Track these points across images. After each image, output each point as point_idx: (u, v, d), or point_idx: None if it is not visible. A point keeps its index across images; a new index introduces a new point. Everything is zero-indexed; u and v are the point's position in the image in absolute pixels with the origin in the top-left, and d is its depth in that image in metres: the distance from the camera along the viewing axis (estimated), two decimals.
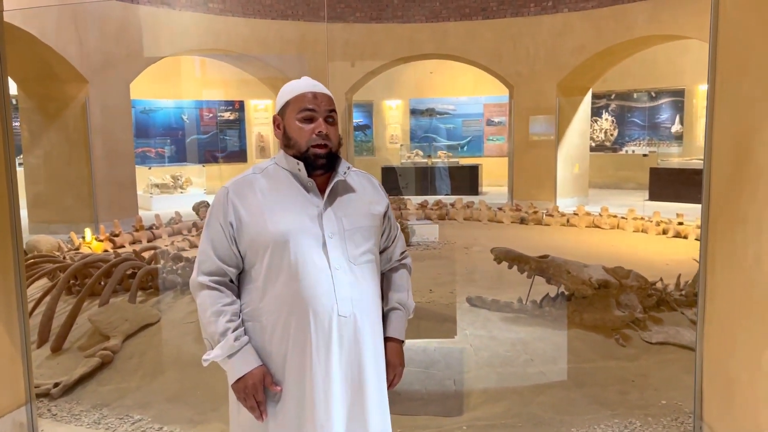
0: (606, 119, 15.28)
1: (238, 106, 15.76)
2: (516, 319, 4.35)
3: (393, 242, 2.08)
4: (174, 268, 4.74)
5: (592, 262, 4.59)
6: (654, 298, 4.69)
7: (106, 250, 7.63)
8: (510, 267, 4.48)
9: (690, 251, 7.69)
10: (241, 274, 1.90)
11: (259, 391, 1.79)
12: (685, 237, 8.51)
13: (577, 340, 4.15)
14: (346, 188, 1.93)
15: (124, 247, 8.07)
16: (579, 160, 12.29)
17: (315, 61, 12.04)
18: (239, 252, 1.86)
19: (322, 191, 1.88)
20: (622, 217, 9.50)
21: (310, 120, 1.85)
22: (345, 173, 1.91)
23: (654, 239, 8.63)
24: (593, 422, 3.33)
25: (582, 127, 12.34)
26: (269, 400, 1.83)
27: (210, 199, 11.24)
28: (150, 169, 13.13)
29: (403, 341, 2.04)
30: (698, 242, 8.12)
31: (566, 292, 4.56)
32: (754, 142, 2.35)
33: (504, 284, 5.15)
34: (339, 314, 1.78)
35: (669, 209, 9.67)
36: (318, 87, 1.89)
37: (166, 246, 6.42)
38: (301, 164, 1.84)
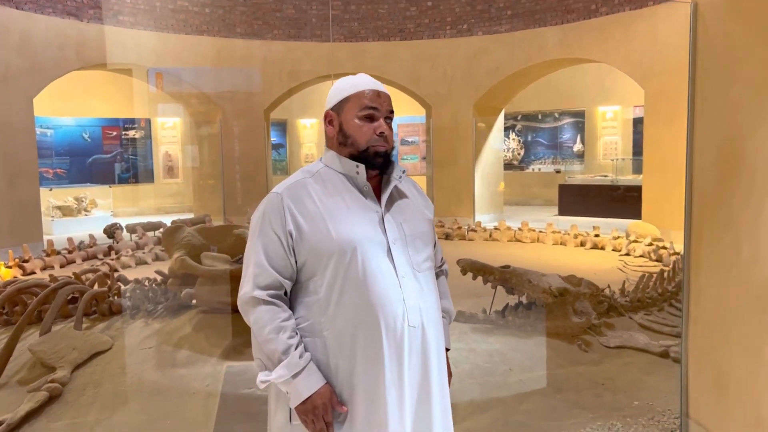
0: (513, 139, 15.94)
1: (144, 124, 15.08)
2: (488, 330, 4.39)
3: (435, 248, 2.03)
4: (140, 289, 4.41)
5: None
6: (605, 305, 4.89)
7: (15, 277, 7.00)
8: (474, 278, 4.52)
9: (610, 261, 8.14)
10: (294, 286, 1.78)
11: (329, 411, 1.67)
12: (602, 248, 8.99)
13: (543, 347, 4.24)
14: (399, 193, 1.86)
15: (35, 273, 7.45)
16: (494, 178, 12.71)
17: (231, 77, 11.77)
18: (296, 263, 1.74)
19: (375, 196, 1.80)
20: (541, 231, 9.92)
21: (371, 119, 1.77)
22: (400, 177, 1.84)
23: (573, 251, 9.05)
24: (578, 426, 3.39)
25: (496, 146, 12.79)
26: (334, 420, 1.71)
27: (118, 221, 10.62)
28: (51, 190, 12.21)
29: (448, 349, 1.98)
30: (616, 253, 8.56)
31: (526, 302, 4.67)
32: (746, 146, 2.51)
33: (463, 295, 5.19)
34: (409, 324, 1.70)
35: (579, 223, 10.21)
36: (380, 85, 1.82)
37: (95, 266, 5.95)
38: (361, 167, 1.76)
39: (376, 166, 1.77)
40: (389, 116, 1.81)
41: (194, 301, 4.34)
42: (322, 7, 11.92)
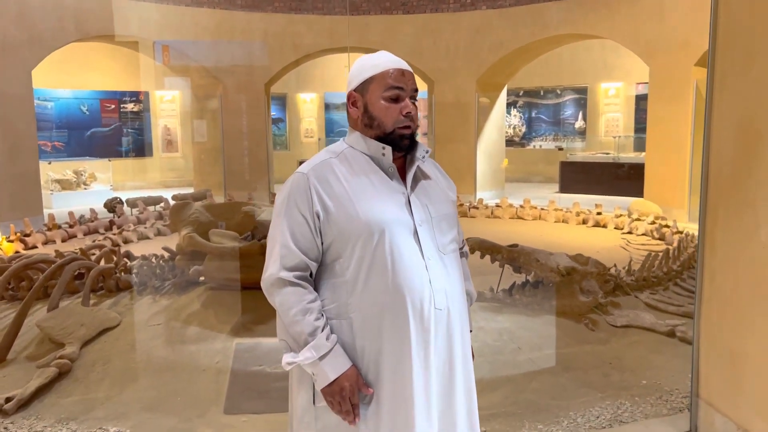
0: (515, 115, 15.85)
1: (143, 97, 14.94)
2: (496, 308, 4.39)
3: (457, 230, 2.01)
4: (148, 265, 4.38)
5: None
6: (611, 284, 4.89)
7: (17, 251, 6.99)
8: (482, 257, 4.52)
9: (612, 239, 8.15)
10: (319, 267, 1.76)
11: (355, 393, 1.66)
12: (604, 226, 8.98)
13: (551, 326, 4.25)
14: (423, 174, 1.83)
15: (36, 247, 7.42)
16: (496, 155, 12.66)
17: (231, 50, 11.64)
18: (322, 244, 1.72)
19: (400, 176, 1.78)
20: (543, 209, 9.90)
21: (396, 99, 1.74)
22: (423, 158, 1.81)
23: (575, 229, 9.05)
24: (587, 405, 3.41)
25: (499, 122, 12.71)
26: (360, 402, 1.70)
27: (118, 195, 10.57)
28: (50, 164, 12.12)
29: (470, 331, 1.97)
30: (618, 231, 8.55)
31: (532, 280, 4.67)
32: (766, 126, 2.48)
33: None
34: (435, 307, 1.69)
35: (580, 201, 10.20)
36: (403, 63, 1.78)
37: (98, 241, 5.92)
38: (388, 148, 1.73)
39: (402, 147, 1.74)
40: (413, 95, 1.77)
41: (202, 278, 4.33)
42: None
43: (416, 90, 1.78)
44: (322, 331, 1.66)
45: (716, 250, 2.89)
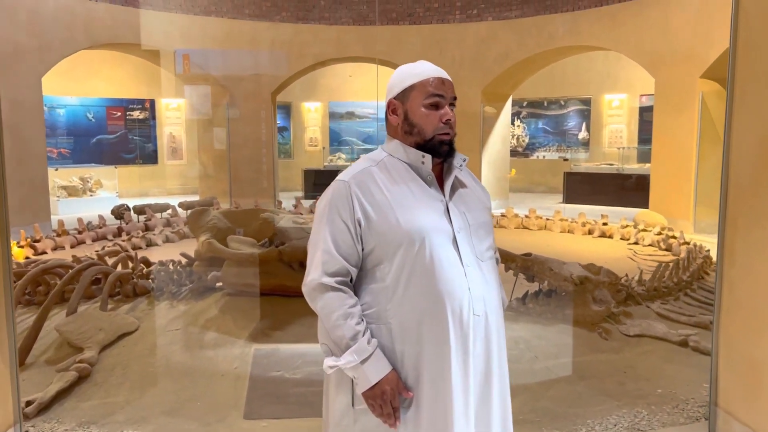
0: (518, 126, 15.92)
1: (149, 105, 15.00)
2: (512, 317, 4.42)
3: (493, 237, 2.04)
4: (165, 271, 4.41)
5: None
6: (623, 293, 4.93)
7: (27, 257, 7.01)
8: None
9: (618, 250, 8.19)
10: (358, 273, 1.79)
11: (396, 396, 1.69)
12: (610, 236, 9.03)
13: (565, 335, 4.28)
14: (459, 182, 1.87)
15: (46, 253, 7.46)
16: (501, 165, 12.72)
17: (239, 59, 11.70)
18: (362, 250, 1.75)
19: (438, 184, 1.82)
20: (548, 219, 9.95)
21: (436, 106, 1.78)
22: (461, 166, 1.85)
23: (581, 239, 9.09)
24: (604, 413, 3.44)
25: (503, 132, 12.78)
26: (400, 405, 1.73)
27: (125, 202, 10.59)
28: (57, 170, 12.15)
29: None
30: (624, 241, 8.59)
31: (546, 289, 4.70)
32: None
33: None
34: (474, 313, 1.72)
35: (584, 211, 10.24)
36: (443, 72, 1.82)
37: (106, 248, 5.95)
38: (427, 156, 1.77)
39: (441, 154, 1.78)
40: (453, 103, 1.81)
41: (219, 284, 4.36)
42: None
43: (455, 98, 1.82)
44: (363, 335, 1.69)
45: (735, 260, 2.93)
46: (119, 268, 4.55)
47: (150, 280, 4.38)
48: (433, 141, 1.77)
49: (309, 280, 1.75)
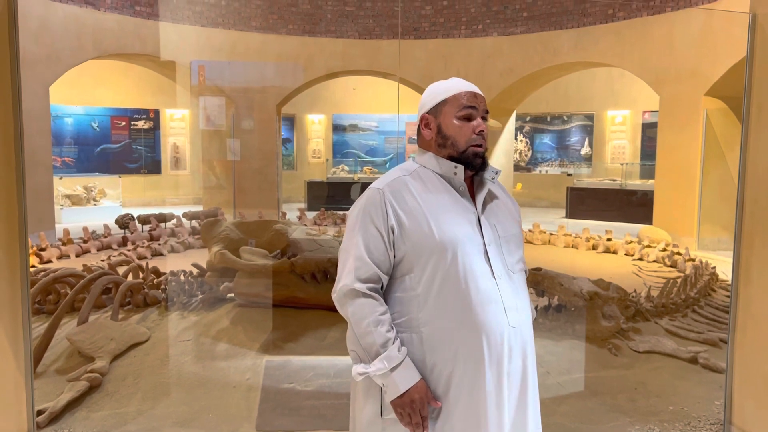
0: (521, 140, 15.98)
1: (153, 115, 15.06)
2: None
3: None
4: (176, 281, 4.41)
5: None
6: (632, 309, 4.93)
7: (33, 266, 7.00)
8: None
9: (623, 265, 8.19)
10: (388, 280, 1.80)
11: (425, 406, 1.69)
12: (615, 252, 9.03)
13: (576, 351, 4.28)
14: (491, 194, 1.89)
15: (51, 261, 7.45)
16: (504, 179, 12.75)
17: (245, 70, 11.77)
18: (394, 257, 1.76)
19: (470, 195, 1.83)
20: (552, 233, 9.96)
21: (469, 118, 1.80)
22: (493, 179, 1.87)
23: (586, 254, 9.09)
24: (617, 430, 3.43)
25: (507, 147, 12.83)
26: (428, 415, 1.73)
27: (129, 212, 10.60)
28: (61, 179, 12.17)
29: None
30: (628, 257, 8.58)
31: (554, 304, 4.70)
32: None
33: None
34: (509, 324, 1.73)
35: (587, 226, 10.28)
36: (475, 87, 1.85)
37: (112, 258, 5.95)
38: (460, 167, 1.79)
39: (474, 166, 1.80)
40: (485, 115, 1.83)
41: (230, 295, 4.36)
42: (337, 3, 11.93)
43: (487, 111, 1.84)
44: (394, 342, 1.70)
45: (751, 278, 2.94)
46: (130, 277, 4.55)
47: (160, 290, 4.38)
48: (466, 153, 1.79)
49: (341, 286, 1.76)
